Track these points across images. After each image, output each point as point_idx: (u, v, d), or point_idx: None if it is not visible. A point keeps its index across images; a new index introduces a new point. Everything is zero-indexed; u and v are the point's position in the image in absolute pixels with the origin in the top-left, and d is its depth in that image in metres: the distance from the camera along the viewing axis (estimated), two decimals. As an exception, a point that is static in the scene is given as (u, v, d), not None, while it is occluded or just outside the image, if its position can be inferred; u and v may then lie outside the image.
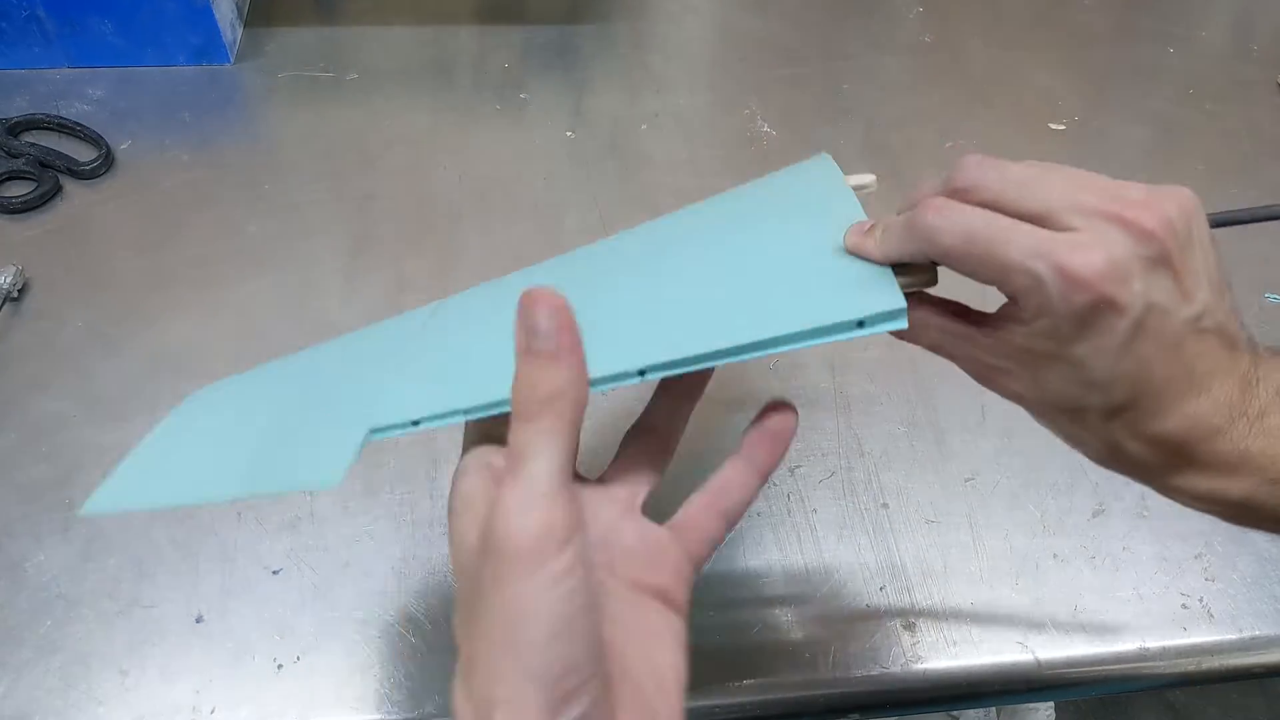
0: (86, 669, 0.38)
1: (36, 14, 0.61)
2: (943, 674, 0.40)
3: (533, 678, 0.21)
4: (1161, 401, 0.25)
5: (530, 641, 0.21)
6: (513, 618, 0.21)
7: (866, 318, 0.26)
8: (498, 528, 0.22)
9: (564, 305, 0.23)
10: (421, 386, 0.29)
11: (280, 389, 0.34)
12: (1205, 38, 0.75)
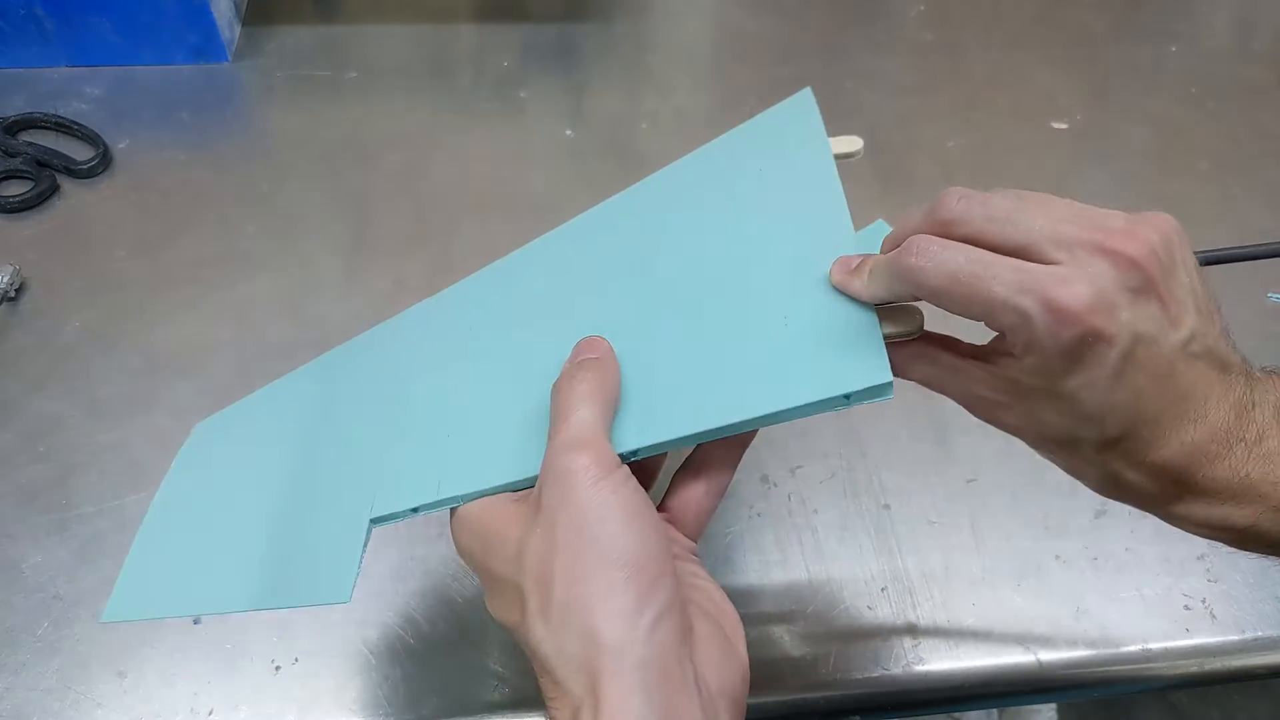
0: (85, 670, 0.38)
1: (35, 12, 0.61)
2: (944, 675, 0.40)
3: (618, 564, 0.23)
4: (1157, 430, 0.25)
5: (609, 534, 0.23)
6: (586, 520, 0.23)
7: (854, 393, 0.25)
8: (558, 460, 0.24)
9: (607, 345, 0.28)
10: (419, 469, 0.30)
11: (279, 456, 0.34)
12: (1207, 37, 0.74)
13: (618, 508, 0.24)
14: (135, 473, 0.44)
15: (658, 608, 0.23)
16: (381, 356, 0.36)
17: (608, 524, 0.23)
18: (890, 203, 0.59)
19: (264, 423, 0.36)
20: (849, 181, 0.34)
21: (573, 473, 0.24)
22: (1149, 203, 0.68)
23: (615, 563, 0.23)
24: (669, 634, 0.23)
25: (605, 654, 0.22)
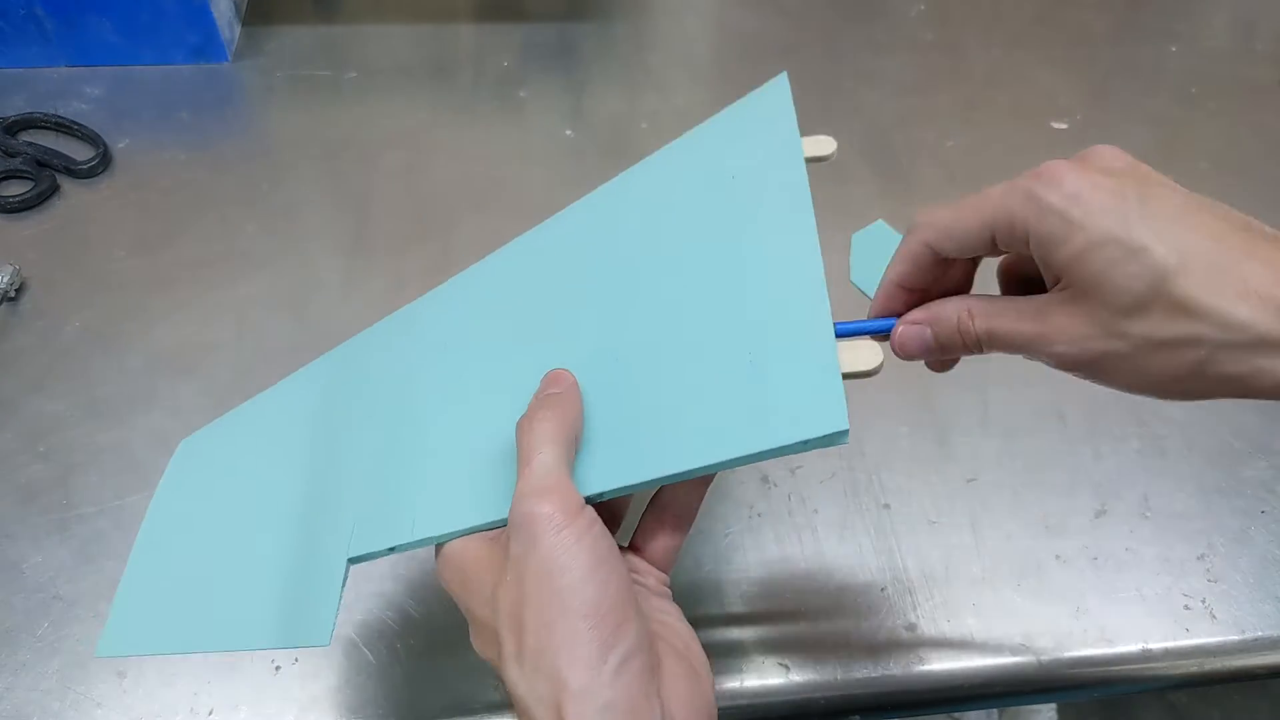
0: (84, 670, 0.38)
1: (35, 12, 0.61)
2: (944, 675, 0.40)
3: (580, 614, 0.23)
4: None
5: (570, 585, 0.24)
6: (550, 570, 0.24)
7: (810, 440, 0.26)
8: (520, 507, 0.25)
9: (571, 378, 0.29)
10: (396, 505, 0.31)
11: (258, 486, 0.34)
12: (1208, 36, 0.74)
13: (581, 557, 0.24)
14: (135, 473, 0.44)
15: (622, 652, 0.24)
16: (356, 378, 0.36)
17: (570, 573, 0.24)
18: (890, 202, 0.59)
19: (244, 446, 0.36)
20: (849, 183, 0.34)
21: (536, 520, 0.24)
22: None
23: (578, 612, 0.24)
24: (634, 675, 0.24)
25: (570, 698, 0.23)
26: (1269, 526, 0.45)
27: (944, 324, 0.28)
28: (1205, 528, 0.45)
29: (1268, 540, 0.44)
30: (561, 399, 0.28)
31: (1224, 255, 0.24)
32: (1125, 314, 0.24)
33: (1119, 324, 0.25)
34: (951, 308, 0.28)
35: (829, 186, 0.60)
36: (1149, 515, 0.45)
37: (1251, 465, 0.47)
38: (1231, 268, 0.24)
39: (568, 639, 0.23)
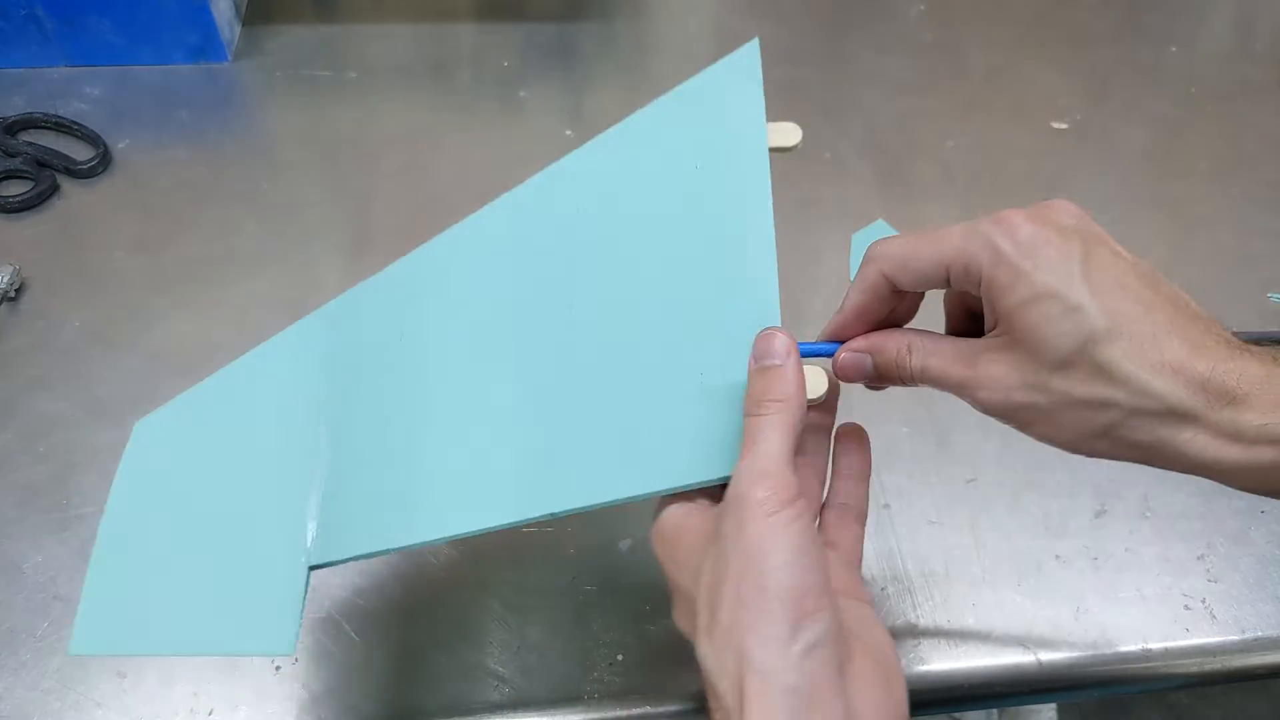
0: (84, 670, 0.38)
1: (35, 12, 0.61)
2: (945, 675, 0.40)
3: (775, 595, 0.24)
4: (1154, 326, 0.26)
5: (771, 567, 0.24)
6: (754, 552, 0.25)
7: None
8: (739, 488, 0.26)
9: (791, 341, 0.29)
10: (364, 512, 0.31)
11: (215, 478, 0.34)
12: (1207, 37, 0.74)
13: (786, 541, 0.25)
14: (135, 473, 0.44)
15: (812, 638, 0.24)
16: (311, 360, 0.36)
17: (773, 556, 0.25)
18: (890, 202, 0.59)
19: (205, 433, 0.35)
20: (849, 182, 0.34)
21: (748, 503, 0.25)
22: (1149, 203, 0.69)
23: (774, 593, 0.24)
24: (821, 664, 0.24)
25: (754, 674, 0.23)
26: (1269, 527, 0.45)
27: (884, 355, 0.30)
28: (1205, 528, 0.45)
29: (1267, 540, 0.44)
30: (783, 376, 0.28)
31: (1150, 326, 0.25)
32: (1051, 369, 0.26)
33: (1044, 378, 0.26)
34: (893, 341, 0.30)
35: (829, 186, 0.60)
36: (1149, 515, 0.45)
37: (1251, 465, 0.47)
38: (1154, 339, 0.25)
39: (759, 617, 0.24)
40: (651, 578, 0.42)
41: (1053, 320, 0.25)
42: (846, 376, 0.31)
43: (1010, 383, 0.27)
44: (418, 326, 0.35)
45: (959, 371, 0.28)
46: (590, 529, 0.43)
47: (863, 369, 0.31)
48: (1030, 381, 0.26)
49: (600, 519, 0.43)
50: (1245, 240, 0.59)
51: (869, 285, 0.30)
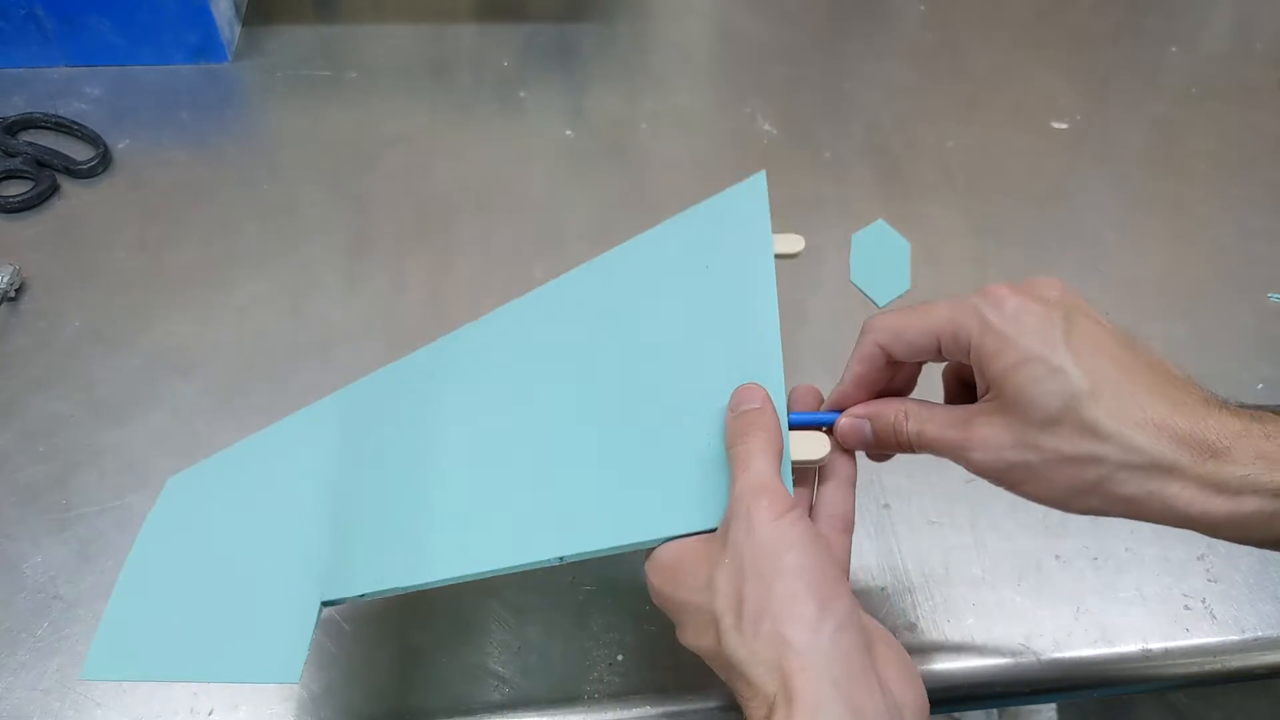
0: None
1: (35, 12, 0.61)
2: (945, 675, 0.40)
3: (798, 578, 0.26)
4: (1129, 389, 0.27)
5: (788, 558, 0.26)
6: (768, 549, 0.26)
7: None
8: (742, 502, 0.28)
9: (765, 392, 0.31)
10: (381, 553, 0.33)
11: (239, 526, 0.36)
12: (1207, 37, 0.74)
13: (795, 536, 0.27)
14: (135, 473, 0.44)
15: (838, 617, 0.25)
16: (344, 433, 0.38)
17: (788, 551, 0.26)
18: (890, 203, 0.59)
19: (230, 487, 0.38)
20: (849, 183, 0.34)
21: (756, 510, 0.27)
22: (1148, 204, 0.69)
23: (797, 581, 0.26)
24: (851, 641, 0.25)
25: (793, 653, 0.25)
26: None
27: (882, 421, 0.32)
28: (1205, 528, 0.45)
29: (1267, 540, 0.44)
30: (762, 415, 0.30)
31: (1130, 385, 0.27)
32: (1040, 428, 0.27)
33: (1033, 436, 0.27)
34: (891, 408, 0.32)
35: (830, 187, 0.60)
36: (1149, 515, 0.45)
37: (1251, 465, 0.47)
38: (1135, 397, 0.26)
39: (787, 600, 0.25)
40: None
41: (1039, 381, 0.27)
42: (847, 442, 0.33)
43: (1002, 442, 0.28)
44: (438, 391, 0.37)
45: (953, 434, 0.30)
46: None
47: (861, 434, 0.32)
48: (1021, 440, 0.28)
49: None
50: (1245, 240, 0.59)
51: (866, 356, 0.32)
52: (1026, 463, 0.28)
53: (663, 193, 0.59)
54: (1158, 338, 0.52)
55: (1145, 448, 0.26)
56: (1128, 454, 0.26)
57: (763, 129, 0.64)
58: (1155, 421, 0.26)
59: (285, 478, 0.37)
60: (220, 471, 0.38)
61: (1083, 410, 0.26)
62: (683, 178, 0.60)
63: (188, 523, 0.36)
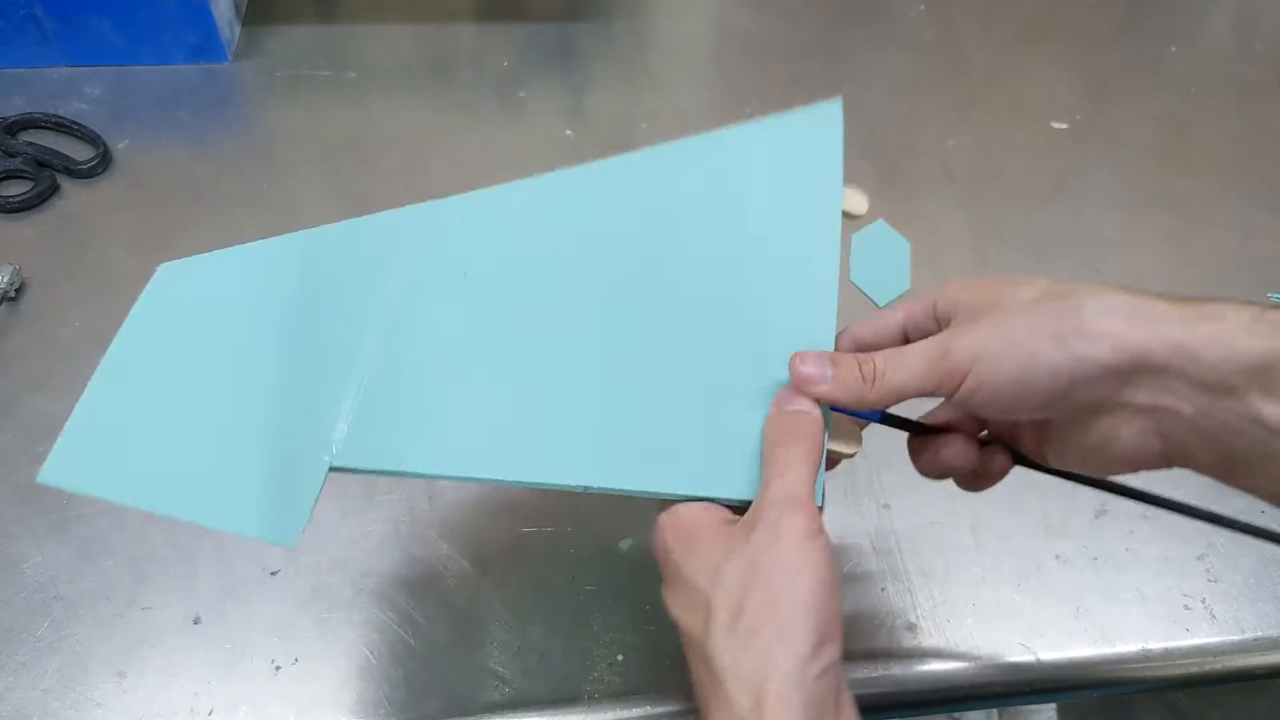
0: (84, 670, 0.38)
1: (34, 12, 0.61)
2: (945, 675, 0.40)
3: (806, 612, 0.25)
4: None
5: (805, 585, 0.26)
6: (789, 568, 0.26)
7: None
8: (775, 510, 0.27)
9: (810, 399, 0.30)
10: (399, 428, 0.30)
11: (250, 339, 0.31)
12: (1207, 36, 0.74)
13: (818, 569, 0.26)
14: (135, 473, 0.44)
15: (825, 661, 0.25)
16: (373, 258, 0.34)
17: (805, 577, 0.26)
18: (890, 202, 0.59)
19: (242, 291, 0.33)
20: (849, 182, 0.34)
21: (785, 523, 0.27)
22: (1149, 202, 0.69)
23: (805, 610, 0.25)
24: (830, 687, 0.25)
25: (778, 680, 0.24)
26: (1269, 527, 0.45)
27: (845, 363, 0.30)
28: (1205, 528, 0.44)
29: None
30: (809, 422, 0.30)
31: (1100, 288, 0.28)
32: (1016, 309, 0.28)
33: (1010, 316, 0.28)
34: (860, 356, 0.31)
35: (829, 186, 0.60)
36: (1149, 516, 0.45)
37: (1251, 465, 0.47)
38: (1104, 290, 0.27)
39: (786, 628, 0.25)
40: (652, 577, 0.42)
41: (1013, 285, 0.28)
42: (806, 372, 0.31)
43: (979, 335, 0.28)
44: (485, 268, 0.34)
45: (930, 350, 0.29)
46: (590, 529, 0.43)
47: (821, 365, 0.31)
48: (999, 325, 0.28)
49: (600, 518, 0.43)
50: (1246, 240, 0.59)
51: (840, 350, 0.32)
52: (1009, 339, 0.27)
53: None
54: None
55: (1120, 297, 0.27)
56: (1101, 299, 0.26)
57: (763, 128, 0.64)
58: (1128, 292, 0.27)
59: (309, 305, 0.32)
60: (232, 271, 0.33)
61: (1055, 288, 0.27)
62: (683, 177, 0.60)
63: (183, 325, 0.32)
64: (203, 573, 0.41)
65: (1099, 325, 0.26)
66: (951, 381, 0.28)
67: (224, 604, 0.40)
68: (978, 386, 0.28)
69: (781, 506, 0.27)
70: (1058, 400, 0.27)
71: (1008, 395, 0.28)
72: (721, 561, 0.27)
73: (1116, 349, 0.26)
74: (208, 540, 0.42)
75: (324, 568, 0.41)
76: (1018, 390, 0.27)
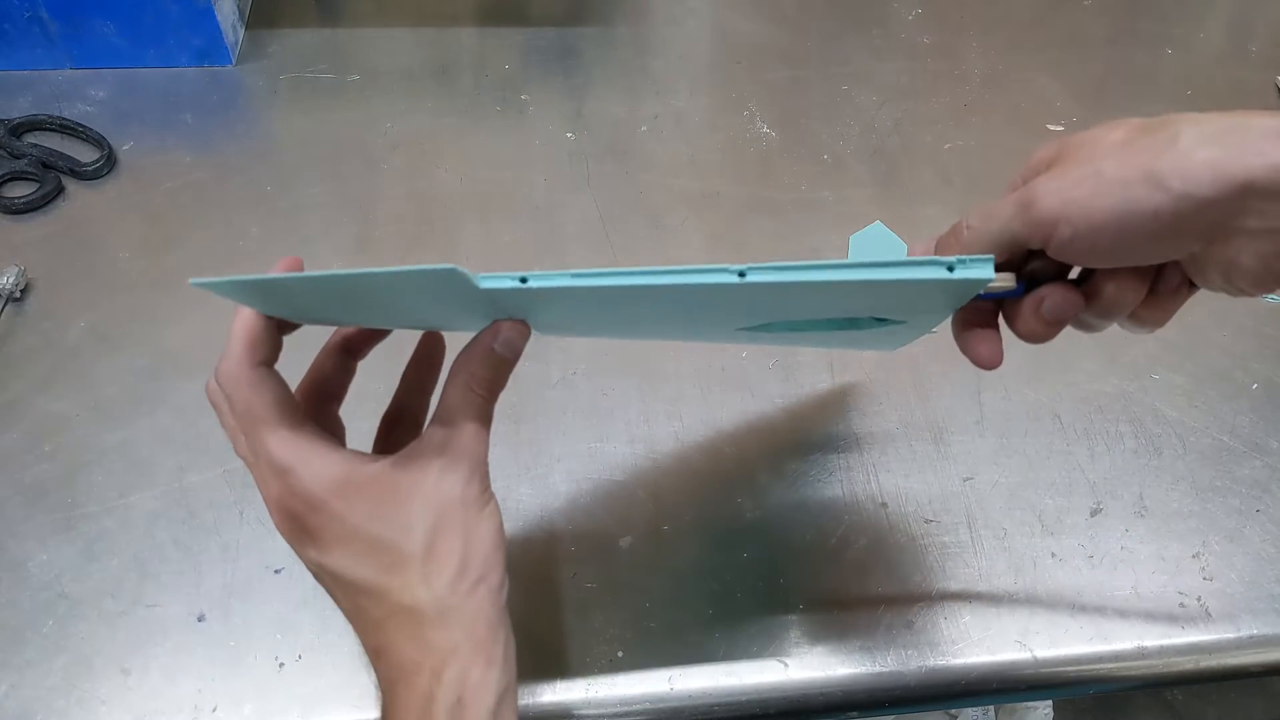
0: (89, 668, 0.38)
1: (39, 15, 0.62)
2: (941, 672, 0.40)
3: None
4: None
5: (479, 543, 0.30)
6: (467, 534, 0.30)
7: (955, 264, 0.26)
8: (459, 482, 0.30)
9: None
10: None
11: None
12: (1203, 39, 0.75)
13: (489, 527, 0.30)
14: (140, 472, 0.44)
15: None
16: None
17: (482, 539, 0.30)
18: (886, 206, 0.59)
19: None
20: (846, 185, 0.35)
21: (468, 497, 0.30)
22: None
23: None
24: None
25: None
26: (1264, 525, 0.45)
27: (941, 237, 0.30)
28: (1200, 526, 0.45)
29: (1263, 538, 0.44)
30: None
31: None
32: (1105, 151, 0.26)
33: (1099, 158, 0.26)
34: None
35: (827, 189, 0.61)
36: (1144, 514, 0.45)
37: (1247, 464, 0.47)
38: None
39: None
40: (652, 575, 0.42)
41: (1107, 127, 0.27)
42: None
43: (1067, 176, 0.26)
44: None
45: (1013, 199, 0.27)
46: (590, 526, 0.43)
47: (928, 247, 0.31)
48: (1087, 165, 0.26)
49: (601, 517, 0.44)
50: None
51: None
52: (1099, 182, 0.25)
53: (663, 194, 0.60)
54: (1155, 338, 0.52)
55: (1218, 121, 0.24)
56: (1199, 127, 0.24)
57: (761, 131, 0.64)
58: (1226, 115, 0.25)
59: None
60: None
61: (1148, 123, 0.26)
62: (683, 179, 0.61)
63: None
64: (207, 571, 0.41)
65: (1197, 156, 0.24)
66: (1042, 230, 0.26)
67: (228, 602, 0.40)
68: (1073, 235, 0.26)
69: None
70: (1164, 241, 0.25)
71: (1107, 243, 0.26)
72: (415, 519, 0.29)
73: (1218, 181, 0.24)
74: (212, 538, 0.42)
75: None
76: (1117, 236, 0.25)
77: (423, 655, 0.28)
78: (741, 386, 0.49)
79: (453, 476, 0.29)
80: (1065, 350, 0.31)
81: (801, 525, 0.44)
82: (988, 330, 0.31)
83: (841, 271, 0.26)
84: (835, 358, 0.51)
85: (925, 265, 0.26)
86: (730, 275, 0.26)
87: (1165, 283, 0.29)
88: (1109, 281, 0.28)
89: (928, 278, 0.26)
